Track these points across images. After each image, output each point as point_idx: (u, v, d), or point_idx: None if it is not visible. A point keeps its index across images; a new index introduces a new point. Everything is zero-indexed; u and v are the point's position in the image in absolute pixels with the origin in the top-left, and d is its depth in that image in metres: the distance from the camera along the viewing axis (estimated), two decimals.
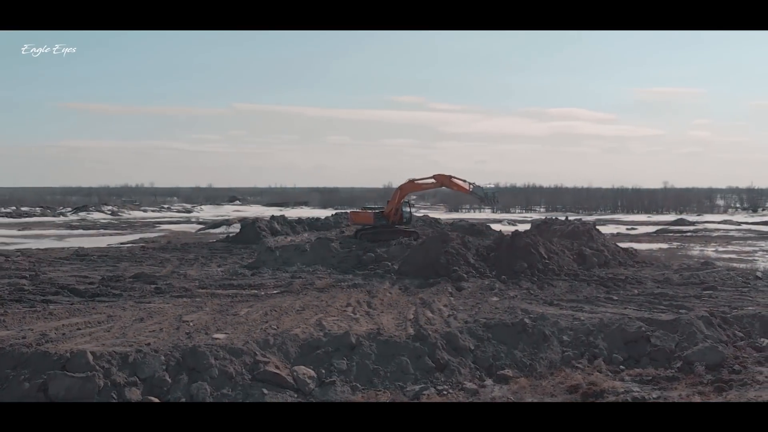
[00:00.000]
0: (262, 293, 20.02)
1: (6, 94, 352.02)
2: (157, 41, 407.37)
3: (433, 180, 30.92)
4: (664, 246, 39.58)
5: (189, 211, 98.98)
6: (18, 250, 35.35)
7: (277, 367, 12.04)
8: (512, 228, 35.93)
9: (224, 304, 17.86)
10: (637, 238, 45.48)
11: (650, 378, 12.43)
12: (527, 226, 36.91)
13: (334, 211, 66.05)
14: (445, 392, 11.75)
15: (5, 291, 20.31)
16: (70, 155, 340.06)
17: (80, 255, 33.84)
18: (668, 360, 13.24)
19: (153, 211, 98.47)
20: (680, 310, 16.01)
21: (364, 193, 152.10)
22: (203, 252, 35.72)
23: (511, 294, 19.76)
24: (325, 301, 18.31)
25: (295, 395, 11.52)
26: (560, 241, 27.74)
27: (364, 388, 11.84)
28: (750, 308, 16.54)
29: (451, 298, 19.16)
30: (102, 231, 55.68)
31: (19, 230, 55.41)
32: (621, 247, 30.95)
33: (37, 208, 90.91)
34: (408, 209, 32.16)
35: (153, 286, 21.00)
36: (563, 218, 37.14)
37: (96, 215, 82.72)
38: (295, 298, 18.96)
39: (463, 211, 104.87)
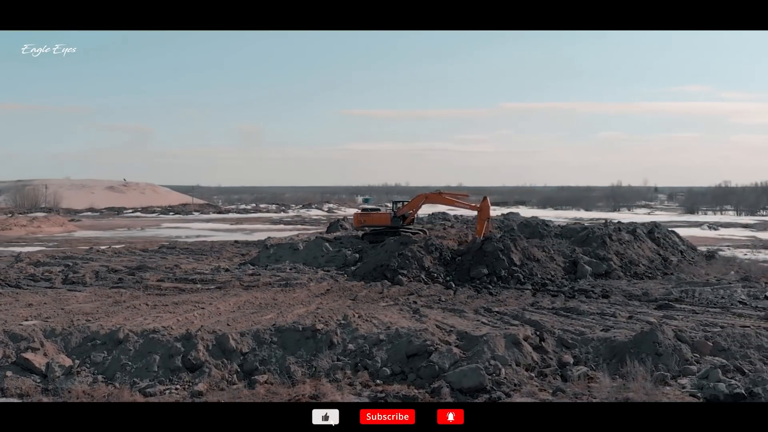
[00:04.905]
0: (198, 287, 21.00)
1: (296, 105, 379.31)
2: (424, 48, 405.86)
3: (469, 200, 29.79)
4: None
5: None
6: (128, 239, 40.15)
7: (45, 354, 12.87)
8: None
9: (132, 297, 19.08)
10: None
11: (384, 395, 11.30)
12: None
13: (507, 210, 63.12)
14: (167, 392, 11.72)
15: (19, 275, 23.62)
16: (352, 157, 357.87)
17: (169, 247, 37.45)
18: (433, 378, 11.85)
19: None
20: (522, 325, 14.11)
21: (618, 193, 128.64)
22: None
23: (412, 299, 18.58)
24: (222, 298, 18.77)
25: (39, 380, 12.20)
26: (559, 248, 25.29)
27: (104, 381, 12.13)
28: (624, 331, 14.05)
29: (350, 302, 18.61)
30: (297, 226, 59.12)
31: (232, 224, 61.70)
32: (659, 255, 27.41)
33: (273, 205, 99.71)
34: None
35: (118, 276, 22.98)
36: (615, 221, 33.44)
37: (312, 212, 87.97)
38: (208, 294, 19.62)
39: (700, 214, 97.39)
